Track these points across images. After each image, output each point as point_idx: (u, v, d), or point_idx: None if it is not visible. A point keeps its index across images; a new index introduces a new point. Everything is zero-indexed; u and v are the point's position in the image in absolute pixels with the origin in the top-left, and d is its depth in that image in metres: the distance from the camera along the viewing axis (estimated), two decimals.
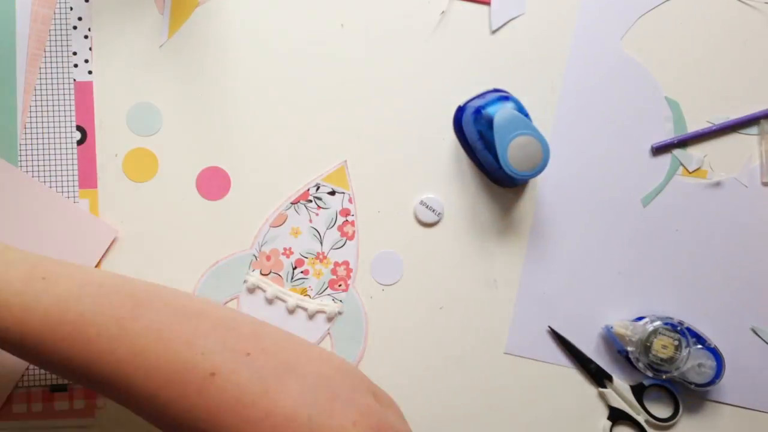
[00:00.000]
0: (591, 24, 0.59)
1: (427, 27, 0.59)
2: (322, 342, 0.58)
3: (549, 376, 0.58)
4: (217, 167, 0.58)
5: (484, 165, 0.58)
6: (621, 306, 0.59)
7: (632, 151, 0.59)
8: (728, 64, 0.60)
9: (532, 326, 0.59)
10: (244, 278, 0.58)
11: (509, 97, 0.56)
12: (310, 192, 0.59)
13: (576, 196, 0.59)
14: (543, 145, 0.53)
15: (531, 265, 0.59)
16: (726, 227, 0.59)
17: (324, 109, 0.59)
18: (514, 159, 0.53)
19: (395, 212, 0.59)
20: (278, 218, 0.58)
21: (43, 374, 0.56)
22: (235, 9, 0.59)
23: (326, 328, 0.58)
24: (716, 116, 0.59)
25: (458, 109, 0.59)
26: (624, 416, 0.58)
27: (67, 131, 0.57)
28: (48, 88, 0.57)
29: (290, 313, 0.58)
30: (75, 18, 0.58)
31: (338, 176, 0.59)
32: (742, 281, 0.59)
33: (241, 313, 0.45)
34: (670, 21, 0.60)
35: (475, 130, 0.55)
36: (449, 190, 0.59)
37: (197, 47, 0.59)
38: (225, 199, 0.58)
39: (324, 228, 0.59)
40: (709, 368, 0.56)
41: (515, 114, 0.53)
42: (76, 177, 0.57)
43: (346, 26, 0.59)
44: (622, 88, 0.59)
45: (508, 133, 0.53)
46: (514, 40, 0.59)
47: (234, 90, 0.59)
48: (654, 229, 0.59)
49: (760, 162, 0.59)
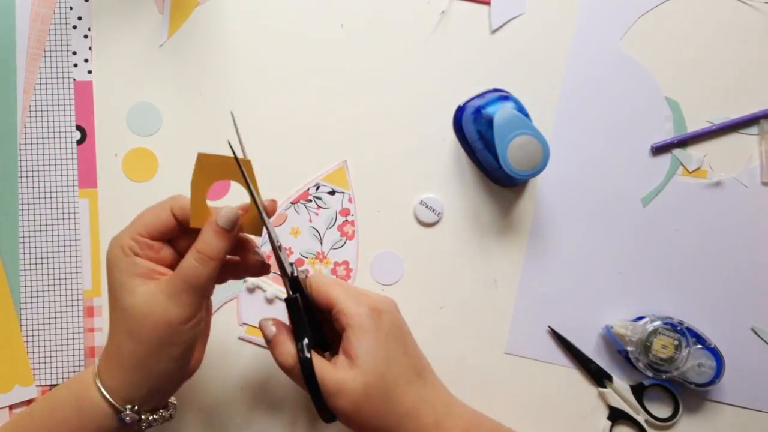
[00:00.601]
0: (591, 24, 0.59)
1: (427, 27, 0.59)
2: None
3: (549, 376, 0.58)
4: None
5: (484, 165, 0.58)
6: (621, 306, 0.59)
7: (632, 151, 0.59)
8: (728, 64, 0.60)
9: (532, 326, 0.59)
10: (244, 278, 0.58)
11: (509, 96, 0.56)
12: (310, 192, 0.59)
13: (576, 196, 0.59)
14: (543, 145, 0.53)
15: (531, 265, 0.59)
16: (726, 227, 0.59)
17: (324, 109, 0.59)
18: (514, 159, 0.53)
19: (395, 212, 0.59)
20: (278, 218, 0.58)
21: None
22: (235, 9, 0.59)
23: None
24: (716, 116, 0.59)
25: (458, 108, 0.59)
26: (624, 416, 0.58)
27: (67, 131, 0.57)
28: (48, 88, 0.57)
29: None
30: (75, 18, 0.58)
31: (338, 176, 0.59)
32: (742, 281, 0.59)
33: None
34: (670, 21, 0.60)
35: (475, 129, 0.55)
36: (449, 190, 0.59)
37: (197, 47, 0.59)
38: (225, 199, 0.58)
39: (324, 228, 0.59)
40: (709, 368, 0.56)
41: (515, 114, 0.53)
42: (76, 177, 0.57)
43: (346, 26, 0.59)
44: (621, 88, 0.59)
45: (508, 133, 0.53)
46: (514, 40, 0.59)
47: (234, 90, 0.59)
48: (654, 229, 0.59)
49: (760, 162, 0.59)
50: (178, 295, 0.43)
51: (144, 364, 0.44)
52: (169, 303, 0.43)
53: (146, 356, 0.44)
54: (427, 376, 0.49)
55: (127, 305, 0.44)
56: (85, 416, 0.45)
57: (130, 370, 0.44)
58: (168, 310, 0.43)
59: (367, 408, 0.45)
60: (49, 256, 0.57)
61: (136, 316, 0.43)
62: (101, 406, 0.44)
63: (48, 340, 0.57)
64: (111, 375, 0.45)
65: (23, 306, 0.56)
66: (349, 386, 0.45)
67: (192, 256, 0.44)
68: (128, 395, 0.45)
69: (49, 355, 0.56)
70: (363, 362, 0.45)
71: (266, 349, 0.57)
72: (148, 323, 0.43)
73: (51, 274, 0.57)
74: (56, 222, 0.57)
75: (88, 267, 0.57)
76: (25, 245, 0.57)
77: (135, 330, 0.44)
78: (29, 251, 0.57)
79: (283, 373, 0.47)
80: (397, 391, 0.46)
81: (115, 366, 0.45)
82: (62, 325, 0.57)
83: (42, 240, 0.57)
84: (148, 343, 0.44)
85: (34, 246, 0.57)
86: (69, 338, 0.57)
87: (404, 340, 0.49)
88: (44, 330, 0.57)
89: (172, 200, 0.46)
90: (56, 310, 0.57)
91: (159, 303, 0.43)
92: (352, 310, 0.46)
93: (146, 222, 0.45)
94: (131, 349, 0.44)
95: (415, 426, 0.47)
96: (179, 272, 0.44)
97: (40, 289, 0.57)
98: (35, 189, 0.57)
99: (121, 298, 0.44)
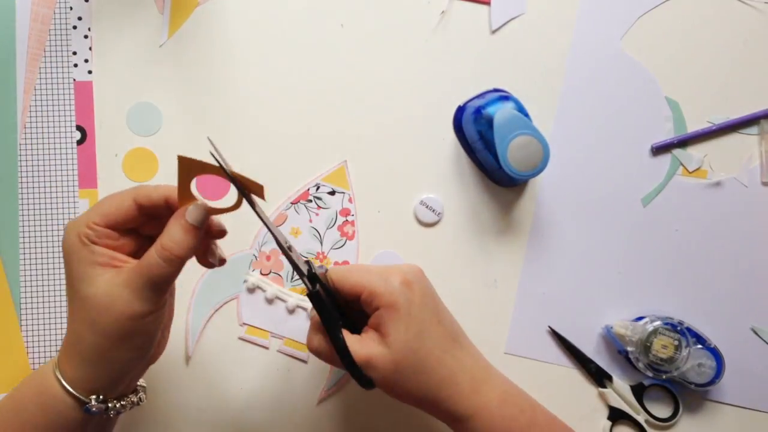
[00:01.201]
0: (591, 24, 0.59)
1: (427, 27, 0.59)
2: None
3: (549, 376, 0.58)
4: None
5: (484, 165, 0.58)
6: (621, 306, 0.59)
7: (632, 151, 0.59)
8: (728, 64, 0.60)
9: (532, 326, 0.59)
10: (244, 278, 0.58)
11: (509, 97, 0.56)
12: (310, 192, 0.59)
13: (576, 196, 0.59)
14: (543, 145, 0.53)
15: (531, 265, 0.59)
16: (726, 227, 0.59)
17: (324, 109, 0.59)
18: (514, 159, 0.53)
19: (395, 212, 0.59)
20: (278, 218, 0.58)
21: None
22: (234, 9, 0.59)
23: None
24: (716, 116, 0.59)
25: (458, 109, 0.59)
26: (624, 416, 0.58)
27: (67, 131, 0.57)
28: (48, 88, 0.57)
29: (290, 313, 0.58)
30: (75, 18, 0.58)
31: (338, 176, 0.59)
32: (742, 281, 0.59)
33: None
34: (670, 21, 0.60)
35: (475, 130, 0.55)
36: (449, 190, 0.59)
37: (197, 47, 0.59)
38: (224, 200, 0.58)
39: (324, 228, 0.59)
40: (709, 368, 0.56)
41: (515, 114, 0.53)
42: (76, 177, 0.57)
43: (346, 26, 0.59)
44: (621, 88, 0.59)
45: (508, 133, 0.53)
46: (514, 40, 0.59)
47: (234, 89, 0.59)
48: (654, 229, 0.59)
49: (760, 162, 0.59)
50: (141, 290, 0.42)
51: (106, 355, 0.43)
52: (131, 296, 0.42)
53: (108, 348, 0.43)
54: (462, 341, 0.49)
55: (86, 295, 0.42)
56: (50, 411, 0.44)
57: (92, 362, 0.43)
58: (131, 304, 0.42)
59: (400, 380, 0.46)
60: (49, 256, 0.57)
61: (96, 307, 0.42)
62: (65, 399, 0.43)
63: (48, 340, 0.57)
64: (72, 366, 0.43)
65: (23, 306, 0.56)
66: (378, 362, 0.45)
67: (157, 252, 0.42)
68: (91, 386, 0.43)
69: (49, 355, 0.56)
70: (394, 341, 0.45)
71: (266, 348, 0.57)
72: (110, 316, 0.42)
73: (51, 274, 0.57)
74: (56, 222, 0.57)
75: None
76: (25, 245, 0.57)
77: (96, 321, 0.42)
78: (29, 251, 0.57)
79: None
80: (432, 361, 0.46)
81: (76, 357, 0.43)
82: (62, 325, 0.57)
83: (42, 240, 0.57)
84: (109, 334, 0.42)
85: (34, 246, 0.57)
86: None
87: (436, 307, 0.48)
88: (44, 330, 0.57)
89: (135, 190, 0.44)
90: (56, 310, 0.57)
91: (121, 296, 0.42)
92: (382, 288, 0.46)
93: (105, 212, 0.44)
94: (92, 341, 0.43)
95: (452, 392, 0.47)
96: (143, 267, 0.42)
97: (40, 289, 0.57)
98: (35, 189, 0.57)
99: (80, 288, 0.42)
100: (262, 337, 0.58)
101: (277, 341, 0.58)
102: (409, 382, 0.46)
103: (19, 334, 0.56)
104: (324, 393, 0.58)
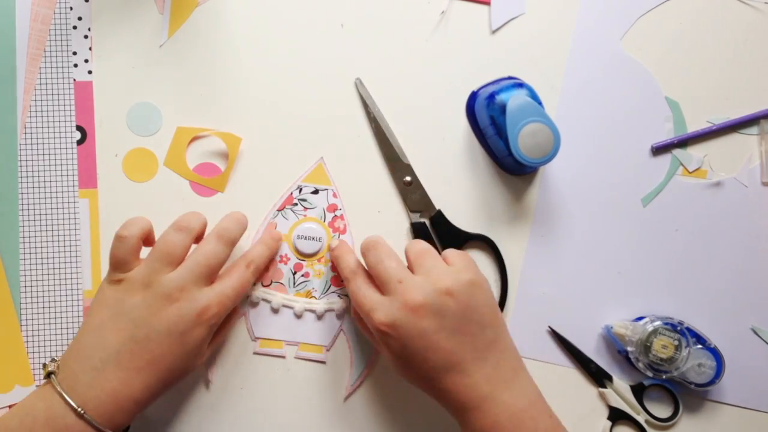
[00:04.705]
0: (591, 24, 0.59)
1: (427, 27, 0.59)
2: (336, 340, 0.58)
3: (549, 376, 0.58)
4: (216, 166, 0.58)
5: (494, 152, 0.58)
6: (621, 306, 0.59)
7: (632, 151, 0.59)
8: (728, 64, 0.60)
9: (532, 326, 0.59)
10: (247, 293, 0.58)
11: (523, 84, 0.56)
12: (294, 195, 0.58)
13: (576, 195, 0.59)
14: (554, 133, 0.53)
15: (531, 265, 0.59)
16: (726, 227, 0.59)
17: (324, 110, 0.59)
18: (525, 146, 0.53)
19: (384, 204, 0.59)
20: (268, 227, 0.58)
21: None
22: (234, 9, 0.59)
23: (338, 325, 0.58)
24: (716, 116, 0.59)
25: (471, 94, 0.59)
26: (624, 416, 0.58)
27: (67, 131, 0.57)
28: (48, 88, 0.57)
29: (298, 318, 0.58)
30: (75, 18, 0.58)
31: (318, 174, 0.58)
32: (742, 281, 0.59)
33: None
34: (670, 21, 0.60)
35: (487, 115, 0.55)
36: (449, 189, 0.59)
37: (197, 47, 0.59)
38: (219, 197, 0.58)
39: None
40: (709, 368, 0.56)
41: (528, 101, 0.53)
42: (76, 177, 0.57)
43: (346, 26, 0.59)
44: (621, 88, 0.59)
45: (520, 120, 0.53)
46: (514, 40, 0.59)
47: (234, 89, 0.58)
48: (654, 229, 0.59)
49: (760, 162, 0.59)
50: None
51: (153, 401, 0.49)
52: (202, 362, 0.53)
53: (159, 387, 0.49)
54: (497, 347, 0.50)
55: (193, 367, 0.51)
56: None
57: (142, 404, 0.48)
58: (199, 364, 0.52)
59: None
60: (49, 257, 0.57)
61: (185, 375, 0.50)
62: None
63: (48, 340, 0.57)
64: (106, 411, 0.47)
65: (23, 306, 0.56)
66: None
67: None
68: (122, 421, 0.48)
69: (49, 355, 0.56)
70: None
71: (282, 357, 0.57)
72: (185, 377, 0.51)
73: (51, 274, 0.57)
74: (56, 222, 0.57)
75: (88, 267, 0.57)
76: (25, 245, 0.57)
77: (175, 382, 0.50)
78: (29, 251, 0.57)
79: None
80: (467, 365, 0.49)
81: (129, 403, 0.47)
82: (62, 325, 0.57)
83: (42, 240, 0.57)
84: (165, 379, 0.49)
85: (34, 246, 0.57)
86: (69, 338, 0.57)
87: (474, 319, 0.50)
88: (44, 330, 0.57)
89: (250, 263, 0.54)
90: (56, 310, 0.57)
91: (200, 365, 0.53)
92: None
93: (233, 296, 0.52)
94: (156, 392, 0.49)
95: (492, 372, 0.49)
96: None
97: (40, 289, 0.57)
98: (35, 189, 0.57)
99: (195, 362, 0.51)
100: (276, 348, 0.58)
101: (292, 348, 0.58)
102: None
103: (19, 334, 0.56)
104: (349, 389, 0.58)
